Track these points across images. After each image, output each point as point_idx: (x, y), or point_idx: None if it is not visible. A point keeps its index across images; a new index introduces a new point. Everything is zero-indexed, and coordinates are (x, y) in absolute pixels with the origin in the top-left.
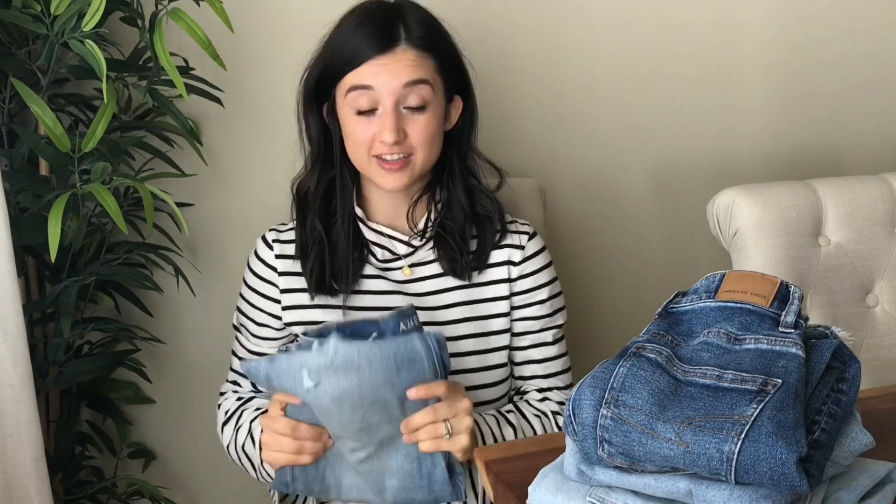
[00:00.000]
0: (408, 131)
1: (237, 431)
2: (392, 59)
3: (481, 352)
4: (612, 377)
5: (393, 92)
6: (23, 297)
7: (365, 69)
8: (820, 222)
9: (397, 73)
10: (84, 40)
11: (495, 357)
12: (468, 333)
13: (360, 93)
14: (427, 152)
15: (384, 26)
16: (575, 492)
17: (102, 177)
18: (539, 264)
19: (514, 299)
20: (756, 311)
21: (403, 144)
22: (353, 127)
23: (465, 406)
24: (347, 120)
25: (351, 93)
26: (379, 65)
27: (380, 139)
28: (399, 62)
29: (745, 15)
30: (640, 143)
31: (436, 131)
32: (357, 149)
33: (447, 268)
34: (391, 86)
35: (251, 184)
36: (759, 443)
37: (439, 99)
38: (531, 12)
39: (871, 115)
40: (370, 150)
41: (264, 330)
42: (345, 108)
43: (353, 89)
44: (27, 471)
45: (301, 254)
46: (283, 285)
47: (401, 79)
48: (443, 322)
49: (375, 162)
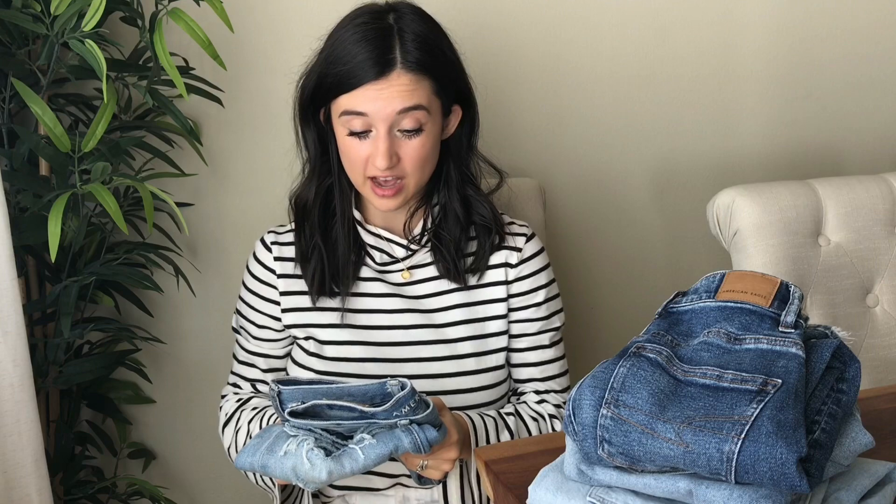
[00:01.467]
0: (400, 155)
1: (237, 434)
2: (387, 84)
3: (479, 354)
4: (612, 377)
5: (387, 118)
6: (23, 297)
7: (360, 93)
8: (820, 222)
9: (391, 99)
10: (84, 40)
11: (493, 359)
12: (466, 336)
13: (354, 117)
14: (420, 174)
15: (381, 48)
16: (575, 492)
17: (102, 177)
18: (536, 266)
19: (510, 301)
20: (756, 310)
21: (396, 168)
22: (348, 147)
23: (449, 456)
24: (341, 139)
25: (344, 116)
26: (374, 90)
27: (373, 163)
28: (393, 87)
29: (745, 15)
30: (640, 143)
31: (429, 152)
32: (352, 167)
33: (443, 271)
34: (385, 112)
35: (251, 184)
36: (759, 443)
37: (435, 120)
38: (531, 12)
39: (871, 115)
40: (364, 172)
41: (265, 332)
42: (339, 126)
43: (346, 113)
44: (27, 471)
45: (301, 260)
46: (283, 288)
47: (395, 105)
48: (441, 324)
49: (370, 184)
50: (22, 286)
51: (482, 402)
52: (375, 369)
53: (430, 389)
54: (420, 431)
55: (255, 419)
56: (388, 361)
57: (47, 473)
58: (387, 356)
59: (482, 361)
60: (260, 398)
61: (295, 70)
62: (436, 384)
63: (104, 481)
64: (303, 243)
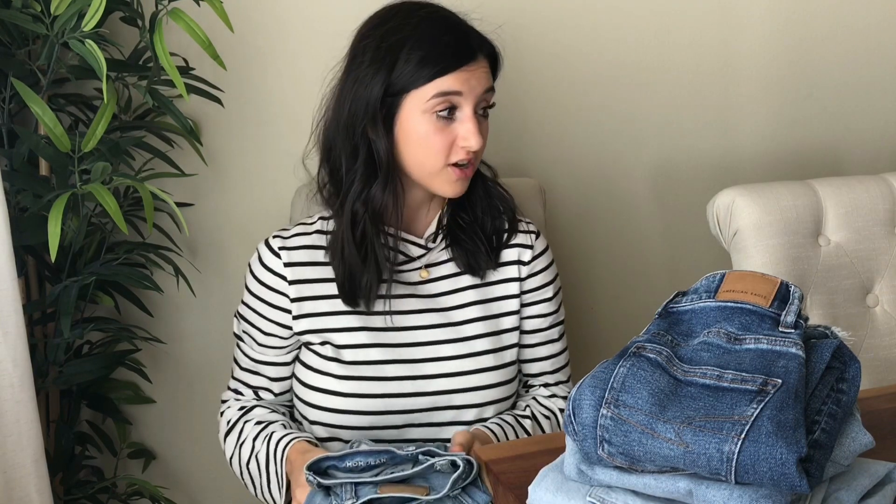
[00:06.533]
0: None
1: (240, 447)
2: (476, 66)
3: (495, 350)
4: (612, 377)
5: (476, 97)
6: (23, 297)
7: (455, 76)
8: (820, 222)
9: (481, 79)
10: (84, 40)
11: (507, 355)
12: (482, 332)
13: (447, 98)
14: (481, 156)
15: (466, 40)
16: (575, 492)
17: (102, 177)
18: (546, 262)
19: (523, 297)
20: (756, 310)
21: (475, 150)
22: (429, 133)
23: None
24: (419, 127)
25: (435, 98)
26: (467, 72)
27: (463, 144)
28: (480, 69)
29: (745, 15)
30: (640, 143)
31: None
32: (434, 156)
33: (464, 265)
34: (476, 91)
35: (251, 184)
36: (760, 443)
37: None
38: (530, 12)
39: (871, 115)
40: (447, 158)
41: (271, 339)
42: (417, 114)
43: (439, 95)
44: (27, 471)
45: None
46: (295, 294)
47: (483, 85)
48: (458, 322)
49: (450, 169)
50: (22, 286)
51: (499, 398)
52: (395, 371)
53: (450, 388)
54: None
55: (260, 437)
56: (408, 363)
57: (47, 473)
58: (406, 357)
59: (499, 358)
60: (262, 407)
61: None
62: (455, 382)
63: (104, 481)
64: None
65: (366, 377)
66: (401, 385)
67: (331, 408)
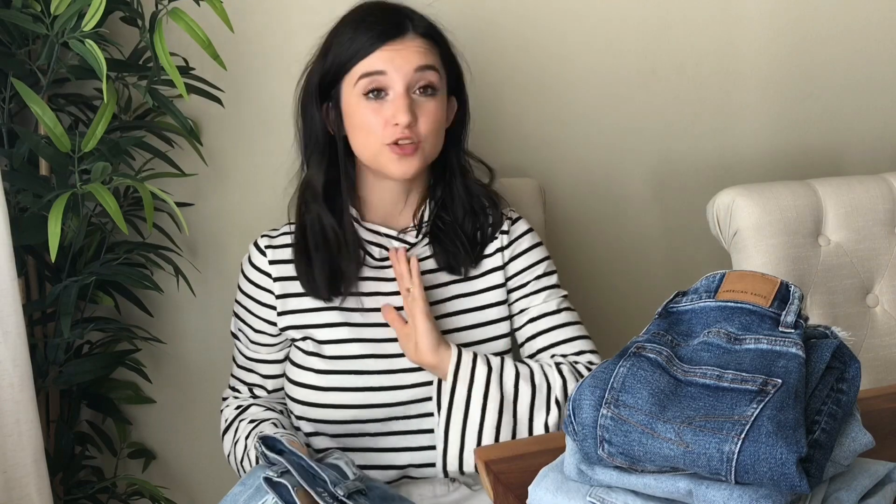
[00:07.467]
0: (418, 115)
1: (235, 445)
2: (402, 45)
3: (482, 341)
4: (612, 377)
5: (405, 76)
6: (23, 297)
7: (377, 55)
8: (820, 222)
9: (408, 57)
10: (84, 40)
11: (493, 346)
12: (468, 325)
13: (372, 79)
14: (434, 140)
15: (391, 18)
16: (575, 492)
17: (102, 177)
18: (529, 244)
19: (509, 283)
20: (756, 310)
21: (414, 130)
22: (364, 115)
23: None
24: (356, 110)
25: (362, 80)
26: (390, 51)
27: (393, 122)
28: (408, 48)
29: (745, 15)
30: (640, 143)
31: (442, 120)
32: (368, 136)
33: (443, 263)
34: (403, 70)
35: (251, 184)
36: (760, 443)
37: (443, 92)
38: (530, 12)
39: (871, 115)
40: (382, 138)
41: (262, 336)
42: (353, 98)
43: (364, 76)
44: (27, 471)
45: (302, 255)
46: (279, 291)
47: (412, 63)
48: (442, 315)
49: (388, 149)
50: (22, 286)
51: None
52: (374, 365)
53: (430, 380)
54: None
55: (251, 436)
56: (388, 357)
57: (47, 473)
58: (386, 352)
59: (484, 349)
60: (258, 405)
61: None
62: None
63: (104, 481)
64: (313, 235)
65: (346, 371)
66: (380, 379)
67: (313, 402)
